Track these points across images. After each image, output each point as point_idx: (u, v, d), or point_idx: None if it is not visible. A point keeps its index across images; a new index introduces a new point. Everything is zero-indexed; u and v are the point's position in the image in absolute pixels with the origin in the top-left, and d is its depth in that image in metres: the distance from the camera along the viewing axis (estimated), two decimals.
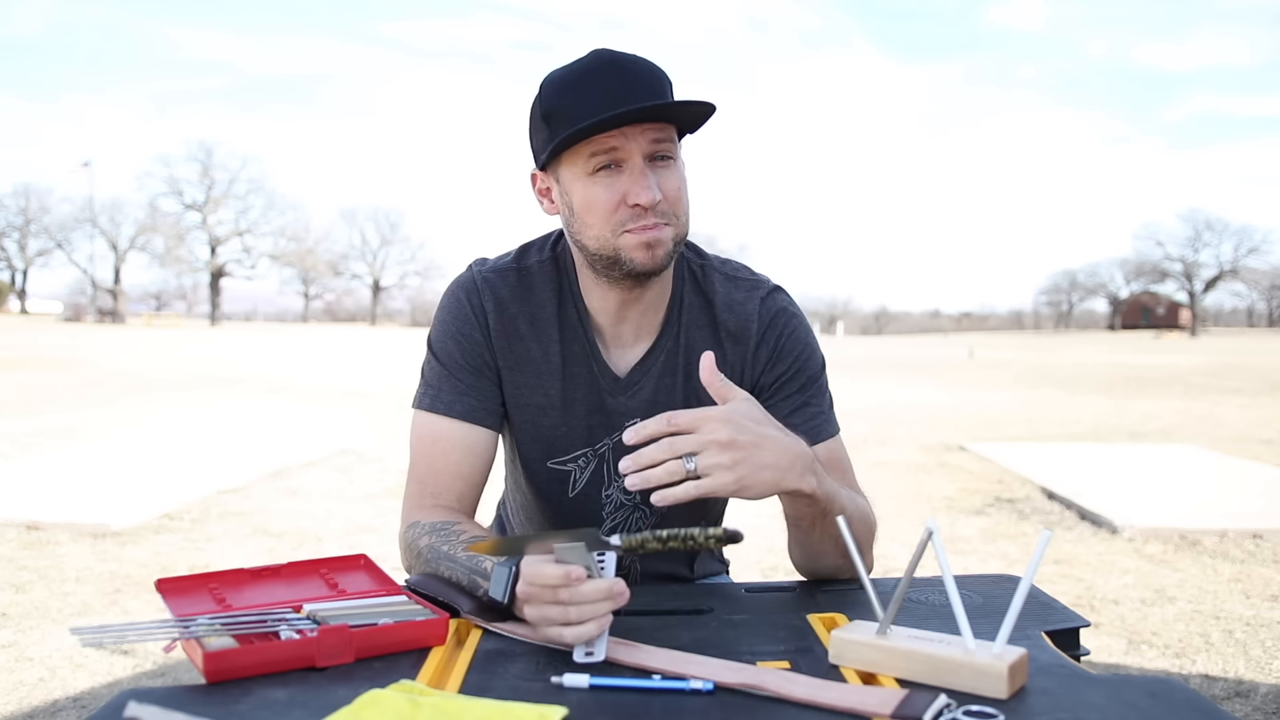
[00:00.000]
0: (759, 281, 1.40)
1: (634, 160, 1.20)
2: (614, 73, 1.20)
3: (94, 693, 2.88)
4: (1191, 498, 5.93)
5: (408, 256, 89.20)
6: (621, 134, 1.19)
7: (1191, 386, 16.15)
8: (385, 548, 4.55)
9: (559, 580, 0.95)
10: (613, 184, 1.21)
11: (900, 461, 7.48)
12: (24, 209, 72.21)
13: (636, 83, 1.20)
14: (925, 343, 51.70)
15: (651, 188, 1.19)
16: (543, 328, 1.34)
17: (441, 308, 1.38)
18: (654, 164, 1.21)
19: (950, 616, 0.96)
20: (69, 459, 7.08)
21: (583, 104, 1.18)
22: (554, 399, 1.35)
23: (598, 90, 1.18)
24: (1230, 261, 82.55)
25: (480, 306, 1.34)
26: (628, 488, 1.02)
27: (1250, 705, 2.83)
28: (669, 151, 1.22)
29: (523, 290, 1.35)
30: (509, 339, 1.34)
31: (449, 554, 1.17)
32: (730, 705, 0.86)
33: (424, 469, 1.33)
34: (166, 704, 0.84)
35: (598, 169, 1.20)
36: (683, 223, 1.25)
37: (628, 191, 1.20)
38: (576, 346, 1.34)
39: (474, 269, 1.38)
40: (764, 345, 1.36)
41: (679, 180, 1.24)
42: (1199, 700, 0.85)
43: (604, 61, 1.21)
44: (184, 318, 77.73)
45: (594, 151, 1.19)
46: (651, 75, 1.22)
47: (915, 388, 15.94)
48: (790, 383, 1.35)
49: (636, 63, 1.23)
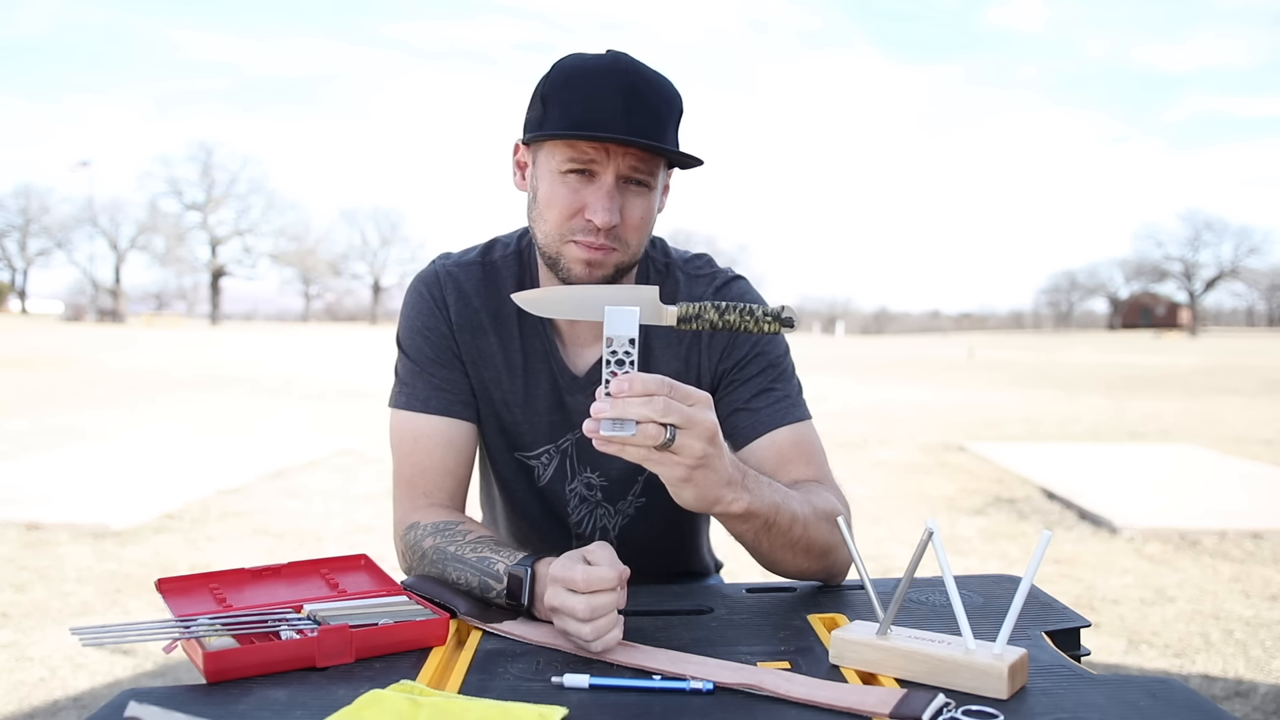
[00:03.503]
0: (717, 273, 1.39)
1: (605, 176, 1.18)
2: (623, 86, 1.17)
3: (94, 693, 2.88)
4: (1191, 498, 5.93)
5: (408, 256, 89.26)
6: (603, 148, 1.17)
7: (1191, 386, 16.15)
8: (385, 548, 4.54)
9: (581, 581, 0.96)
10: (578, 190, 1.20)
11: (900, 461, 7.48)
12: (24, 209, 72.26)
13: (640, 105, 1.17)
14: (925, 343, 51.70)
15: (611, 210, 1.18)
16: (505, 324, 1.34)
17: (405, 303, 1.38)
18: (626, 186, 1.20)
19: (950, 617, 0.96)
20: (69, 459, 7.08)
21: (580, 105, 1.17)
22: (517, 395, 1.34)
23: (599, 98, 1.17)
24: (1230, 261, 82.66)
25: (442, 299, 1.34)
26: (585, 431, 0.94)
27: (1250, 705, 2.83)
28: (645, 179, 1.20)
29: (486, 285, 1.35)
30: (472, 333, 1.34)
31: (457, 555, 1.17)
32: (730, 705, 0.86)
33: (409, 468, 1.32)
34: (166, 704, 0.84)
35: (570, 170, 1.20)
36: (632, 251, 1.24)
37: (588, 204, 1.19)
38: (537, 343, 1.34)
39: (437, 263, 1.38)
40: (718, 333, 1.34)
41: (645, 211, 1.22)
42: (1199, 700, 0.85)
43: (618, 70, 1.19)
44: (184, 318, 77.67)
45: (572, 155, 1.18)
46: (659, 101, 1.20)
47: (915, 388, 15.94)
48: (749, 365, 1.33)
49: (649, 83, 1.19)
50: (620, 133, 1.15)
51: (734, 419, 1.31)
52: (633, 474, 1.37)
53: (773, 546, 1.15)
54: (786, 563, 1.19)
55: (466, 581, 1.15)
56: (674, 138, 1.23)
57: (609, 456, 0.99)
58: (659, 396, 0.92)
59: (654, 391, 0.92)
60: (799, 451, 1.29)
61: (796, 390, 1.35)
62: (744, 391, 1.31)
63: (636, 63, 1.21)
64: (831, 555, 1.21)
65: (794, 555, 1.17)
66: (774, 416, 1.30)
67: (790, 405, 1.32)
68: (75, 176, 75.54)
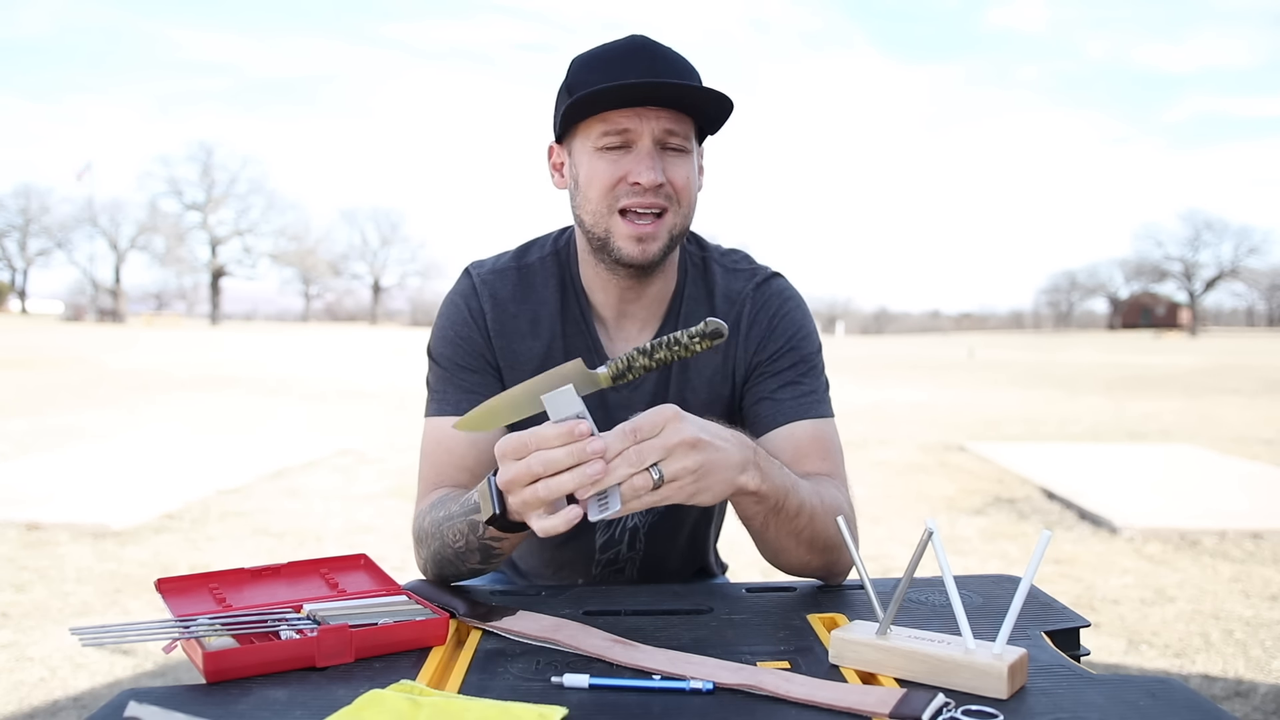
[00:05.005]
0: (757, 270, 1.40)
1: (643, 142, 1.20)
2: (644, 55, 1.20)
3: (94, 693, 2.88)
4: (1191, 498, 5.93)
5: (408, 256, 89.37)
6: (636, 115, 1.19)
7: (1191, 386, 16.15)
8: (385, 548, 4.55)
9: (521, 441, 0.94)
10: (618, 161, 1.21)
11: (900, 461, 7.48)
12: (24, 209, 72.25)
13: (665, 66, 1.20)
14: (925, 343, 51.70)
15: (655, 169, 1.19)
16: (545, 324, 1.34)
17: (440, 315, 1.38)
18: (665, 152, 1.21)
19: (950, 616, 0.96)
20: (69, 459, 7.08)
21: (605, 79, 1.18)
22: None
23: (622, 68, 1.19)
24: (1230, 261, 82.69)
25: (479, 309, 1.34)
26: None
27: (1250, 705, 2.83)
28: (681, 144, 1.22)
29: (523, 288, 1.35)
30: (508, 338, 1.34)
31: (447, 515, 1.17)
32: (729, 705, 0.86)
33: (430, 468, 1.33)
34: (166, 704, 0.84)
35: (607, 146, 1.21)
36: (684, 213, 1.24)
37: (630, 170, 1.20)
38: (579, 340, 1.34)
39: (471, 272, 1.37)
40: (756, 326, 1.35)
41: (689, 171, 1.24)
42: (1199, 700, 0.85)
43: (636, 45, 1.22)
44: (184, 318, 77.73)
45: (606, 129, 1.20)
46: (681, 64, 1.22)
47: (915, 388, 15.94)
48: (781, 359, 1.34)
49: (669, 51, 1.23)
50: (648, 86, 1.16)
51: (758, 407, 1.32)
52: None
53: (779, 533, 1.15)
54: (790, 553, 1.19)
55: (458, 532, 1.14)
56: None
57: None
58: (629, 449, 0.94)
59: (620, 448, 0.94)
60: (816, 446, 1.29)
61: (823, 388, 1.36)
62: (771, 383, 1.32)
63: (653, 40, 1.24)
64: (834, 552, 1.21)
65: (797, 545, 1.17)
66: (796, 409, 1.30)
67: (814, 401, 1.33)
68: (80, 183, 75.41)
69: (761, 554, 1.24)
